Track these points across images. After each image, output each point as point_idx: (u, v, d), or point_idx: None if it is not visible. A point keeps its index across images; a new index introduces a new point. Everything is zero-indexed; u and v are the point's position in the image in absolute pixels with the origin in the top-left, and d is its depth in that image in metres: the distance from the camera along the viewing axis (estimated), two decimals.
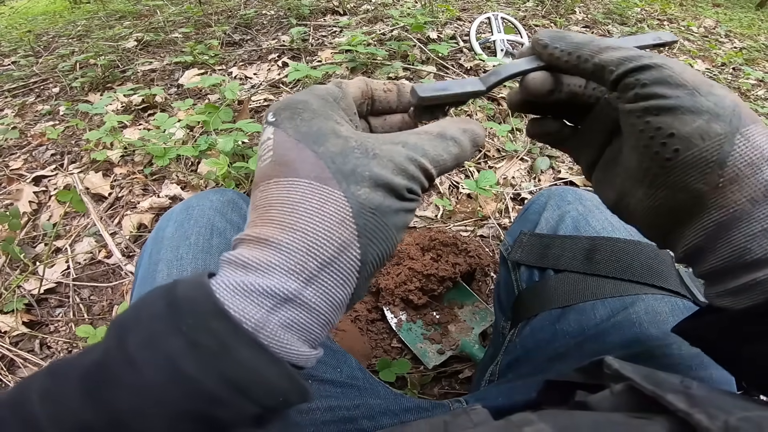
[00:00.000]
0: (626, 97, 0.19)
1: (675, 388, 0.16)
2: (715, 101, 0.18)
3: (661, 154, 0.18)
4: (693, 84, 0.18)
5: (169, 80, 1.33)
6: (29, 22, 2.34)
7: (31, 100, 1.33)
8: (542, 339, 0.36)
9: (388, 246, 0.18)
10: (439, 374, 0.61)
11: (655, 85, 0.18)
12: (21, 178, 1.02)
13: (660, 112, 0.18)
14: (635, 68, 0.19)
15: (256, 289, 0.16)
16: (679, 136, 0.17)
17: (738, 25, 2.29)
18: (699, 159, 0.17)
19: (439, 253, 0.66)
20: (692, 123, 0.17)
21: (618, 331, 0.31)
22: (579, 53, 0.20)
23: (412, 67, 1.23)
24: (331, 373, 0.34)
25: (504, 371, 0.39)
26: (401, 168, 0.18)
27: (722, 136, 0.17)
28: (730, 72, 1.50)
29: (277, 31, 1.55)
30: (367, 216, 0.17)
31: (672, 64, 0.18)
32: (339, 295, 0.17)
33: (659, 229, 0.20)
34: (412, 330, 0.64)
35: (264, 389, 0.16)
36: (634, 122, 0.19)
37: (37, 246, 0.85)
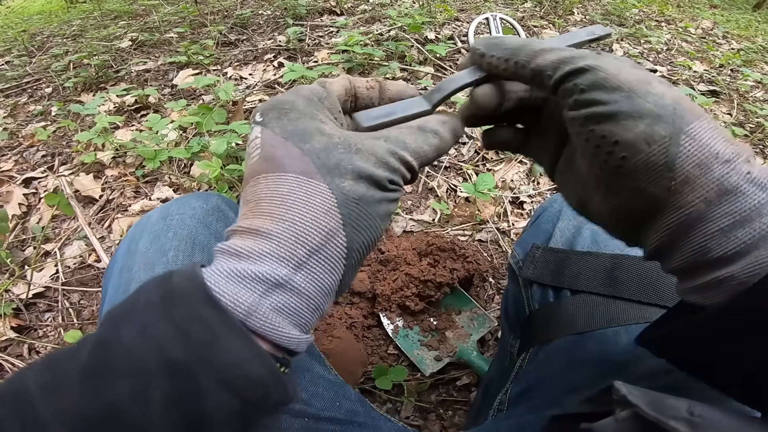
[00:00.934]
0: (568, 103, 0.19)
1: (678, 415, 0.15)
2: (654, 101, 0.17)
3: (610, 162, 0.18)
4: (629, 85, 0.17)
5: (163, 80, 1.31)
6: (24, 21, 2.31)
7: (23, 100, 1.31)
8: (557, 368, 0.33)
9: (372, 234, 0.19)
10: (436, 381, 0.60)
11: (593, 90, 0.18)
12: (11, 179, 1.00)
13: (601, 120, 0.17)
14: (571, 72, 0.18)
15: (248, 275, 0.17)
16: (624, 143, 0.17)
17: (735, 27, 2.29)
18: (647, 164, 0.17)
19: (436, 259, 0.65)
20: (634, 128, 0.17)
21: (644, 360, 0.28)
22: (515, 59, 0.20)
23: (409, 67, 1.21)
24: (329, 409, 0.31)
25: (514, 401, 0.36)
26: (383, 161, 0.19)
27: (666, 138, 0.17)
28: (728, 73, 1.49)
29: (274, 31, 1.54)
30: (351, 206, 0.19)
31: (606, 65, 0.18)
32: (327, 281, 0.19)
33: (623, 231, 0.20)
34: (408, 336, 0.62)
35: (246, 380, 0.16)
36: (578, 130, 0.19)
37: (26, 249, 0.83)
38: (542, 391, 0.34)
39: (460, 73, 0.23)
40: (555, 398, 0.32)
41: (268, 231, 0.18)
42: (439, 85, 0.23)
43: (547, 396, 0.33)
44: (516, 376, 0.38)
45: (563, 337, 0.34)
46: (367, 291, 0.65)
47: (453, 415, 0.57)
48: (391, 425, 0.35)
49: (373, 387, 0.58)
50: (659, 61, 1.53)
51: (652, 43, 1.63)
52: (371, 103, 0.24)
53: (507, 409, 0.37)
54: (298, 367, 0.33)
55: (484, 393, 0.46)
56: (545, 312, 0.36)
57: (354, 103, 0.24)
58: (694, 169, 0.17)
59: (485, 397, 0.44)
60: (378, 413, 0.36)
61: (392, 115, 0.22)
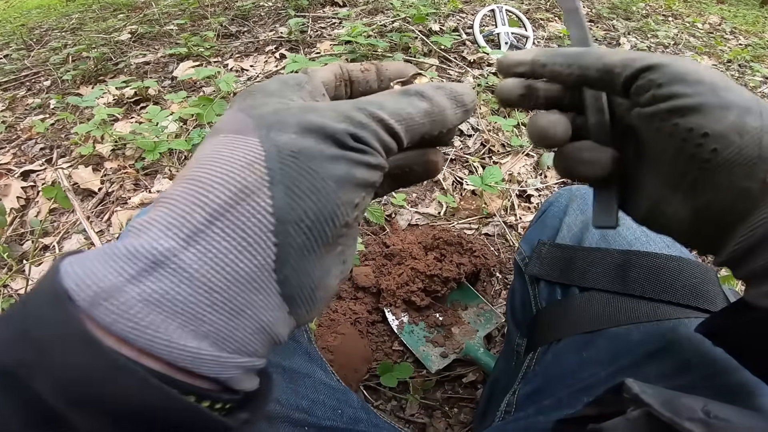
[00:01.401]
0: (643, 100, 0.18)
1: (694, 416, 0.15)
2: (740, 94, 0.17)
3: (699, 156, 0.17)
4: (710, 80, 0.17)
5: (163, 73, 1.30)
6: (23, 15, 2.30)
7: (21, 93, 1.30)
8: (567, 368, 0.32)
9: (322, 201, 0.14)
10: (442, 378, 0.58)
11: (673, 83, 0.17)
12: (9, 173, 0.99)
13: (687, 112, 0.17)
14: (643, 68, 0.18)
15: (121, 252, 0.12)
16: (715, 135, 0.16)
17: (743, 22, 2.26)
18: (741, 156, 0.16)
19: (443, 253, 0.63)
20: (724, 120, 0.16)
21: (657, 360, 0.28)
22: (580, 62, 0.20)
23: (413, 59, 1.19)
24: (330, 417, 0.30)
25: (523, 402, 0.35)
26: (345, 115, 0.15)
27: (759, 129, 0.16)
28: (736, 69, 1.46)
29: (275, 22, 1.52)
30: (286, 159, 0.13)
31: (680, 62, 0.17)
32: (238, 262, 0.12)
33: (700, 235, 0.19)
34: (414, 332, 0.61)
35: (99, 399, 0.11)
36: (659, 126, 0.18)
37: (25, 243, 0.82)
38: (551, 392, 0.32)
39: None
40: (565, 399, 0.31)
41: (168, 195, 0.13)
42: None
43: (557, 397, 0.31)
44: (524, 376, 0.37)
45: (572, 336, 0.33)
46: (371, 286, 0.64)
47: (459, 412, 0.56)
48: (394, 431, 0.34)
49: (378, 384, 0.57)
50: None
51: (660, 38, 1.61)
52: (368, 87, 0.22)
53: (515, 410, 0.36)
54: (298, 373, 0.31)
55: (490, 392, 0.45)
56: (553, 310, 0.35)
57: (350, 88, 0.22)
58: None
59: (491, 398, 0.43)
60: (382, 420, 0.35)
61: None
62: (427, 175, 0.20)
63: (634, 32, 1.64)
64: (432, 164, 0.20)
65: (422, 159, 0.20)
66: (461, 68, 1.20)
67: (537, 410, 0.32)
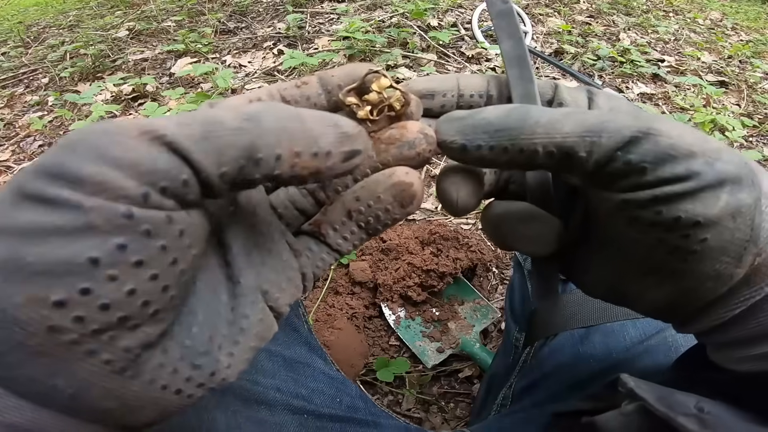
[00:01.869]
0: (617, 186, 0.13)
1: (688, 411, 0.14)
2: (731, 160, 0.13)
3: (684, 248, 0.13)
4: (699, 147, 0.13)
5: (160, 69, 1.29)
6: (21, 13, 2.29)
7: (19, 90, 1.30)
8: (563, 362, 0.32)
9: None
10: (438, 373, 0.59)
11: (661, 164, 0.13)
12: (8, 170, 0.99)
13: (675, 199, 0.13)
14: (618, 146, 0.13)
15: None
16: (707, 223, 0.13)
17: (744, 18, 2.25)
18: (732, 243, 0.13)
19: (439, 248, 0.64)
20: (719, 202, 0.13)
21: (651, 355, 0.28)
22: (519, 145, 0.13)
23: (412, 54, 1.19)
24: (329, 405, 0.31)
25: (518, 396, 0.36)
26: (65, 140, 0.10)
27: (752, 206, 0.13)
28: (737, 64, 1.46)
29: (273, 18, 1.51)
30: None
31: (661, 125, 0.13)
32: None
33: (667, 314, 0.16)
34: (410, 327, 0.61)
35: None
36: (635, 215, 0.14)
37: None
38: (547, 386, 0.33)
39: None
40: (560, 393, 0.31)
41: None
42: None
43: (552, 391, 0.32)
44: (520, 370, 0.37)
45: (569, 331, 0.33)
46: (368, 281, 0.64)
47: (455, 407, 0.57)
48: (392, 422, 0.34)
49: (375, 379, 0.57)
50: (667, 51, 1.50)
51: (660, 33, 1.60)
52: (312, 104, 0.16)
53: (511, 404, 0.36)
54: (298, 362, 0.32)
55: (488, 387, 0.45)
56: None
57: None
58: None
59: (489, 392, 0.43)
60: (379, 409, 0.35)
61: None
62: (402, 207, 0.15)
63: (634, 28, 1.63)
64: (398, 189, 0.14)
65: (388, 183, 0.14)
66: (459, 63, 1.20)
67: (532, 403, 0.33)
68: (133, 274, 0.10)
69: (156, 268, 0.10)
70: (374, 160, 0.15)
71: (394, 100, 0.15)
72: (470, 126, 0.14)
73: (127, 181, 0.09)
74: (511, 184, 0.18)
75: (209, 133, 0.10)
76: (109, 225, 0.09)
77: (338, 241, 0.15)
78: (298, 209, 0.16)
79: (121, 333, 0.10)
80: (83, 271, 0.09)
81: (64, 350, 0.10)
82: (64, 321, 0.09)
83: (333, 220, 0.15)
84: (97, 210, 0.09)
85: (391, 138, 0.15)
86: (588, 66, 1.27)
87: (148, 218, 0.10)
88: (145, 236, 0.10)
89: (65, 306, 0.09)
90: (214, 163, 0.10)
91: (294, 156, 0.12)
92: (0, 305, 0.09)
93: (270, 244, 0.14)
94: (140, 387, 0.11)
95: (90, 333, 0.10)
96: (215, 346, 0.13)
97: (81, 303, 0.09)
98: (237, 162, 0.11)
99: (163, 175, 0.10)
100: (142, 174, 0.10)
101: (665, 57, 1.42)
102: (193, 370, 0.12)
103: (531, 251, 0.17)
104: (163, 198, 0.10)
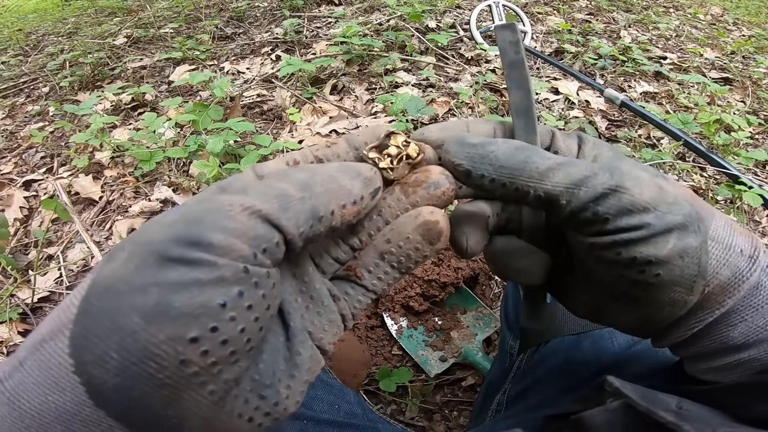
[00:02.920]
0: (585, 231, 0.17)
1: (668, 407, 0.16)
2: (679, 212, 0.16)
3: (642, 281, 0.16)
4: (654, 202, 0.16)
5: (159, 77, 1.29)
6: (20, 20, 2.29)
7: (20, 100, 1.30)
8: (554, 368, 0.34)
9: (126, 340, 0.11)
10: (441, 382, 0.59)
11: (621, 216, 0.16)
12: (11, 182, 1.00)
13: (630, 244, 0.16)
14: (590, 199, 0.16)
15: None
16: (658, 261, 0.16)
17: (745, 13, 2.22)
18: (682, 277, 0.16)
19: (440, 257, 0.64)
20: (667, 245, 0.16)
21: (639, 360, 0.29)
22: (516, 184, 0.16)
23: (410, 58, 1.18)
24: (328, 412, 0.32)
25: (513, 401, 0.37)
26: (181, 213, 0.13)
27: (697, 249, 0.16)
28: (740, 60, 1.44)
29: (270, 23, 1.51)
30: (93, 297, 0.12)
31: (628, 181, 0.16)
32: (47, 396, 0.12)
33: (640, 332, 0.20)
34: (413, 337, 0.61)
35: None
36: (600, 254, 0.17)
37: (30, 253, 0.83)
38: (539, 391, 0.34)
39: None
40: (551, 398, 0.32)
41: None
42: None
43: (545, 396, 0.33)
44: (514, 376, 0.38)
45: (560, 338, 0.34)
46: None
47: (458, 416, 0.57)
48: (390, 427, 0.36)
49: (378, 389, 0.58)
50: (669, 47, 1.48)
51: (661, 30, 1.58)
52: (340, 159, 0.19)
53: (505, 409, 0.37)
54: None
55: (485, 394, 0.46)
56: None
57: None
58: (724, 271, 0.17)
59: (486, 398, 0.44)
60: (377, 415, 0.36)
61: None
62: (430, 245, 0.16)
63: (634, 24, 1.62)
64: (426, 229, 0.16)
65: (414, 224, 0.16)
66: (458, 65, 1.19)
67: (526, 408, 0.34)
68: (245, 316, 0.13)
69: (258, 312, 0.13)
70: (404, 203, 0.17)
71: (410, 150, 0.18)
72: (479, 156, 0.16)
73: (243, 246, 0.13)
74: (510, 222, 0.21)
75: (285, 205, 0.14)
76: (233, 278, 0.12)
77: (373, 282, 0.17)
78: (333, 258, 0.18)
79: (225, 367, 0.13)
80: (214, 314, 0.12)
81: (184, 381, 0.12)
82: (194, 355, 0.12)
83: (366, 263, 0.17)
84: (226, 267, 0.12)
85: (417, 181, 0.17)
86: (589, 65, 1.26)
87: (256, 273, 0.13)
88: (254, 287, 0.13)
89: (197, 342, 0.12)
90: (294, 226, 0.14)
91: (341, 208, 0.15)
92: (141, 344, 0.11)
93: (312, 291, 0.17)
94: (227, 417, 0.13)
95: (209, 365, 0.12)
96: (276, 379, 0.15)
97: (209, 339, 0.12)
98: (308, 222, 0.14)
99: (263, 239, 0.13)
100: (250, 239, 0.13)
101: (667, 54, 1.40)
102: (260, 400, 0.14)
103: (523, 281, 0.20)
104: (264, 257, 0.13)
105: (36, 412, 0.12)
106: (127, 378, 0.12)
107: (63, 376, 0.12)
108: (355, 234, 0.17)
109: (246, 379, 0.14)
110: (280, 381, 0.15)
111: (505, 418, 0.35)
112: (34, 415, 0.12)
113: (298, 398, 0.16)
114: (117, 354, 0.12)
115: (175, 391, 0.12)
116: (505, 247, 0.19)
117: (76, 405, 0.12)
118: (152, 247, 0.12)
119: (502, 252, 0.20)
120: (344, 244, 0.18)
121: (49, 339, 0.13)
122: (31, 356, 0.13)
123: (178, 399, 0.12)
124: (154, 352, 0.11)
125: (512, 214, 0.20)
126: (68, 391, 0.12)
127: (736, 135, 0.94)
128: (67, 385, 0.12)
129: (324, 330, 0.16)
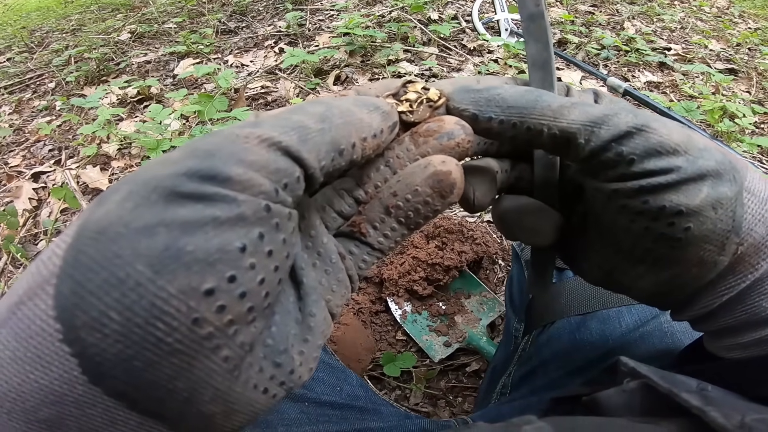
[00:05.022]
0: (607, 176, 0.15)
1: (690, 389, 0.15)
2: (712, 158, 0.14)
3: (669, 235, 0.15)
4: (684, 145, 0.14)
5: (164, 71, 1.30)
6: (23, 18, 2.31)
7: (27, 96, 1.32)
8: (560, 350, 0.33)
9: (129, 297, 0.09)
10: (445, 367, 0.59)
11: (648, 158, 0.14)
12: (20, 175, 1.01)
13: (660, 190, 0.14)
14: (614, 138, 0.14)
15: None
16: (689, 212, 0.14)
17: (752, 6, 2.19)
18: (714, 232, 0.14)
19: (444, 241, 0.64)
20: (700, 194, 0.14)
21: (647, 341, 0.29)
22: (527, 123, 0.15)
23: (413, 49, 1.18)
24: (330, 393, 0.31)
25: (517, 384, 0.36)
26: (191, 148, 0.11)
27: (733, 199, 0.14)
28: (746, 52, 1.43)
29: (273, 16, 1.51)
30: (84, 241, 0.10)
31: (656, 123, 0.14)
32: (30, 374, 0.10)
33: (660, 299, 0.18)
34: (417, 322, 0.62)
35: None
36: (624, 203, 0.15)
37: (39, 243, 0.84)
38: (545, 374, 0.34)
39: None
40: (557, 380, 0.32)
41: None
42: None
43: (550, 378, 0.33)
44: (519, 359, 0.38)
45: (565, 319, 0.34)
46: (374, 276, 0.64)
47: (463, 401, 0.57)
48: (392, 410, 0.35)
49: (382, 374, 0.58)
50: (673, 39, 1.47)
51: (666, 22, 1.56)
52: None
53: (510, 392, 0.37)
54: None
55: (490, 377, 0.46)
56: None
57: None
58: (760, 228, 0.15)
59: (491, 381, 0.44)
60: (379, 397, 0.36)
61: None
62: (442, 198, 0.14)
63: (638, 16, 1.60)
64: (437, 179, 0.14)
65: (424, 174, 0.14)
66: (461, 56, 1.19)
67: (531, 390, 0.33)
68: (265, 264, 0.11)
69: (277, 260, 0.11)
70: (413, 153, 0.15)
71: (431, 93, 0.16)
72: (484, 99, 0.15)
73: (264, 180, 0.11)
74: (520, 181, 0.19)
75: (304, 136, 0.12)
76: (254, 216, 0.10)
77: (379, 239, 0.15)
78: (336, 212, 0.16)
79: (242, 327, 0.11)
80: (232, 259, 0.10)
81: (197, 346, 0.10)
82: (208, 312, 0.10)
83: (372, 218, 0.15)
84: (246, 203, 0.10)
85: (429, 131, 0.15)
86: (592, 55, 1.26)
87: (278, 212, 0.11)
88: (275, 229, 0.11)
89: (213, 294, 0.10)
90: (315, 159, 0.12)
91: (363, 141, 0.13)
92: (148, 299, 0.09)
93: (319, 246, 0.15)
94: (241, 388, 0.11)
95: (224, 325, 0.10)
96: (290, 344, 0.13)
97: (226, 291, 0.10)
98: (329, 155, 0.12)
99: (284, 173, 0.11)
100: (271, 173, 0.11)
101: (672, 45, 1.39)
102: (275, 368, 0.12)
103: (532, 241, 0.19)
104: (285, 194, 0.11)
105: (16, 395, 0.10)
106: (131, 344, 0.09)
107: (48, 346, 0.10)
108: (361, 185, 0.15)
109: (259, 345, 0.12)
110: (293, 346, 0.13)
111: (510, 401, 0.35)
112: (13, 399, 0.10)
113: (312, 365, 0.14)
114: (117, 314, 0.09)
115: (185, 358, 0.10)
116: (515, 204, 0.18)
117: (66, 383, 0.10)
118: (158, 182, 0.10)
119: (512, 210, 0.18)
120: (348, 196, 0.16)
121: (26, 299, 0.10)
122: (4, 324, 0.10)
123: (189, 368, 0.10)
124: (163, 309, 0.09)
125: (522, 172, 0.19)
126: (55, 366, 0.10)
127: (741, 122, 0.93)
128: (53, 357, 0.10)
129: (332, 291, 0.14)
